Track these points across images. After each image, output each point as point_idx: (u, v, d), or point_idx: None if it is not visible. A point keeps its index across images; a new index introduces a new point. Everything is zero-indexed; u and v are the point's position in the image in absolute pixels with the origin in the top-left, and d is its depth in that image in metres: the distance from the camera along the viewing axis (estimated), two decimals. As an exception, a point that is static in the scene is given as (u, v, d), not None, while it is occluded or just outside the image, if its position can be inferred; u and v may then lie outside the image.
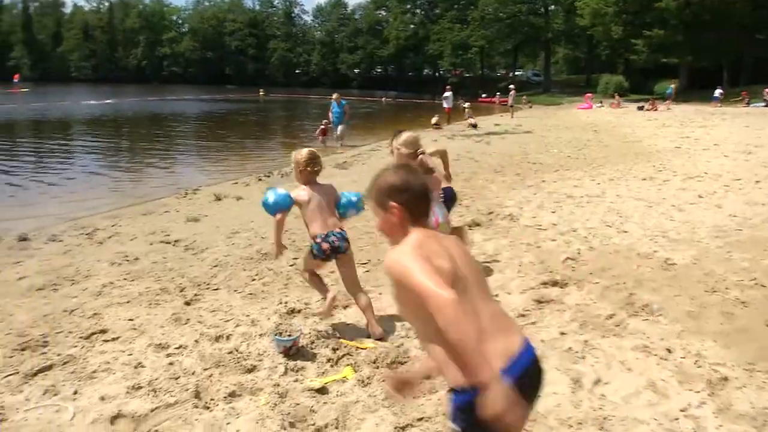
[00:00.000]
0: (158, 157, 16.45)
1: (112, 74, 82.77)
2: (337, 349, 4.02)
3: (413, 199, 2.09)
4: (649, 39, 40.99)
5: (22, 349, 4.14)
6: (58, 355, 4.04)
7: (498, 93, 44.17)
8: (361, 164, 13.47)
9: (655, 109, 31.36)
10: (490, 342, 1.82)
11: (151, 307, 4.86)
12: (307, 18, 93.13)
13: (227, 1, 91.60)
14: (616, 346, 4.00)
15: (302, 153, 4.42)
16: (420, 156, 4.64)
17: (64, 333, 4.42)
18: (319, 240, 4.21)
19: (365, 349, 4.03)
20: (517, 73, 71.21)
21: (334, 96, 17.85)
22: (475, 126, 22.35)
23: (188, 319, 4.57)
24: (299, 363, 3.84)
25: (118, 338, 4.28)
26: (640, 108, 32.12)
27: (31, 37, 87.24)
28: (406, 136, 4.71)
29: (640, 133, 19.95)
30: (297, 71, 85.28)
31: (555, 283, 5.20)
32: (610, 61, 56.05)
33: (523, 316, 4.54)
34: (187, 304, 4.91)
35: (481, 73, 72.32)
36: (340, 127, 17.78)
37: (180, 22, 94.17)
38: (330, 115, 17.80)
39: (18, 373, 3.80)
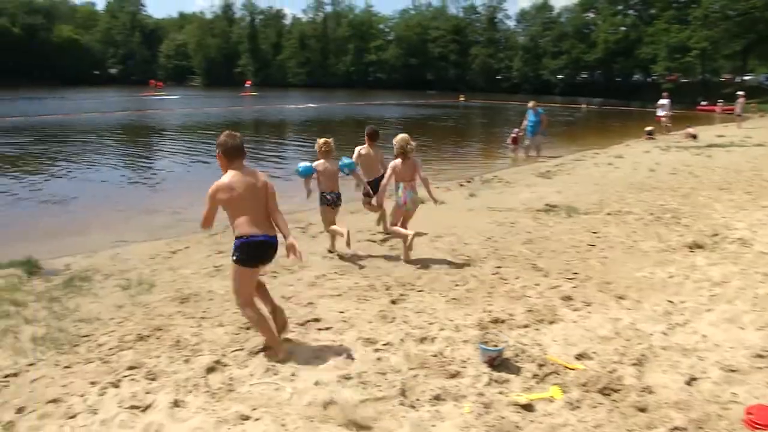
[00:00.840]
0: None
1: (323, 80, 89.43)
2: (544, 365, 3.88)
3: (225, 150, 3.97)
4: None
5: (247, 329, 4.60)
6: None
7: (721, 100, 39.74)
8: (565, 174, 12.95)
9: None
10: (248, 227, 3.91)
11: (359, 302, 5.12)
12: (510, 23, 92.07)
13: (432, 8, 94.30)
14: None
15: (320, 140, 6.76)
16: (408, 152, 6.48)
17: (300, 317, 4.83)
18: (326, 195, 6.70)
19: (574, 369, 3.84)
20: (745, 77, 63.47)
21: (530, 104, 17.13)
22: (694, 137, 20.35)
23: (394, 318, 4.74)
24: (503, 375, 3.77)
25: (330, 328, 4.58)
26: None
27: (256, 47, 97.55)
28: (398, 137, 6.61)
29: None
30: (498, 77, 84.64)
31: (803, 323, 4.50)
32: None
33: (761, 357, 3.99)
34: (393, 302, 5.09)
35: (701, 77, 65.77)
36: (530, 137, 16.95)
37: (387, 30, 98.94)
38: (524, 123, 17.15)
39: (243, 349, 4.24)
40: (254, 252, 3.99)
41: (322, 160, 6.68)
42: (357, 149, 7.52)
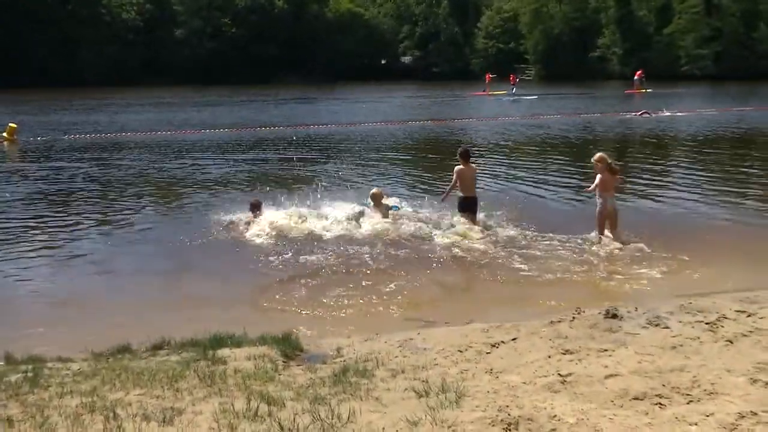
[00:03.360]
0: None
1: (744, 67, 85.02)
2: None
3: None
4: None
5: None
6: None
7: None
8: None
9: None
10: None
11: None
12: None
13: None
14: None
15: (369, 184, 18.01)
16: (610, 165, 13.35)
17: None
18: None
19: None
20: None
21: None
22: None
23: None
24: None
25: None
26: None
27: (628, 15, 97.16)
28: (598, 155, 13.37)
29: None
30: None
31: None
32: None
33: None
34: None
35: None
36: None
37: None
38: None
39: None
40: None
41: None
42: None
